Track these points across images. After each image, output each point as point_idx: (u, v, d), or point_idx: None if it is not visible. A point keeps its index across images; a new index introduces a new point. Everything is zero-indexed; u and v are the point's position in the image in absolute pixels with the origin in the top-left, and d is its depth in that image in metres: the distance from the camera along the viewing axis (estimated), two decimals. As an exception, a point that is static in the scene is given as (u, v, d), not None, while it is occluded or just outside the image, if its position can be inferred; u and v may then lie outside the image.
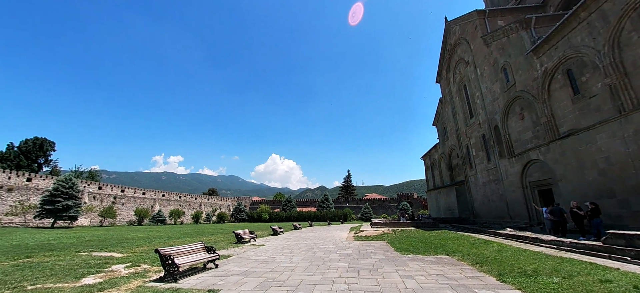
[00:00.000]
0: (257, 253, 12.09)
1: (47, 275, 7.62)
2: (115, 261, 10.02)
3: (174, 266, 7.16)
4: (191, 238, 20.27)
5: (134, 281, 7.05)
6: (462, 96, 27.56)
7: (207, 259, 8.66)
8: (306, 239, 19.13)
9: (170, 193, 67.87)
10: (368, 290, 6.24)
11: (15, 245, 14.95)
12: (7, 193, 38.81)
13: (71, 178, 38.41)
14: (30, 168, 59.73)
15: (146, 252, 12.32)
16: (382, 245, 14.46)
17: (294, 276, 7.66)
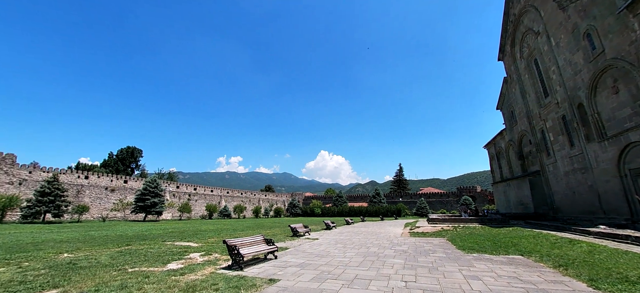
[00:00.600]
0: (312, 247, 12.53)
1: (142, 260, 9.18)
2: (192, 250, 11.52)
3: (240, 256, 7.90)
4: (253, 231, 22.04)
5: (207, 268, 8.01)
6: (533, 73, 23.85)
7: (267, 251, 9.32)
8: (359, 234, 19.07)
9: (233, 191, 74.75)
10: (427, 289, 5.95)
11: (118, 235, 18.35)
12: (111, 193, 47.80)
13: (155, 180, 45.31)
14: (125, 172, 72.41)
15: (216, 243, 13.85)
16: (441, 242, 13.57)
17: (349, 270, 7.73)
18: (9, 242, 13.76)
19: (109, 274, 7.18)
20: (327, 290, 5.87)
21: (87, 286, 6.07)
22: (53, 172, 41.54)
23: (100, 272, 7.42)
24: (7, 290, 5.73)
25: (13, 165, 37.80)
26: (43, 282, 6.36)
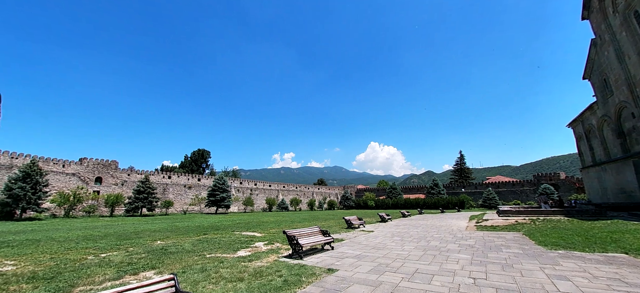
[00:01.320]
0: (367, 239, 12.47)
1: (216, 247, 10.41)
2: (257, 239, 12.59)
3: (299, 246, 8.35)
4: (309, 222, 22.96)
5: (271, 256, 8.68)
6: (634, 28, 19.08)
7: (324, 242, 9.62)
8: (417, 227, 18.22)
9: (288, 185, 78.84)
10: (501, 287, 5.39)
11: (196, 225, 21.11)
12: (188, 190, 55.16)
13: (222, 177, 50.61)
14: (198, 171, 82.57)
15: (277, 233, 14.86)
16: (516, 237, 12.09)
17: (408, 264, 7.48)
18: (118, 231, 17.07)
19: (192, 259, 8.36)
20: (386, 282, 5.80)
21: (176, 268, 7.18)
22: (145, 174, 49.82)
23: (185, 256, 8.69)
24: (120, 269, 7.15)
25: (116, 169, 46.55)
26: (144, 263, 7.75)
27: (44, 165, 37.64)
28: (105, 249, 10.15)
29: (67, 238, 13.17)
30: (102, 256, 8.83)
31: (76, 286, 5.74)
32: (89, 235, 14.48)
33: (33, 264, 7.71)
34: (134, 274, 6.68)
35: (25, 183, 28.58)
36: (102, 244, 11.42)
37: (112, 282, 6.01)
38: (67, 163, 41.17)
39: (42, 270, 7.00)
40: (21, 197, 28.00)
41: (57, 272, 6.83)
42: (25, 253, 9.43)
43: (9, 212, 28.16)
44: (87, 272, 6.83)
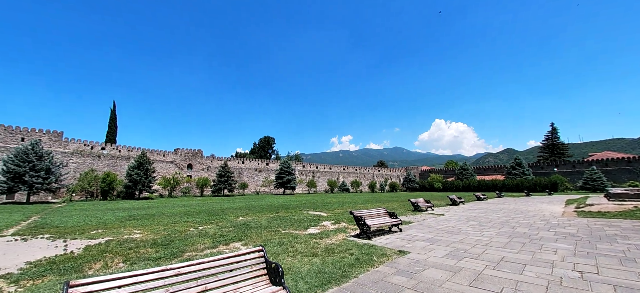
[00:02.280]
0: (438, 223, 11.75)
1: (289, 225, 11.32)
2: (323, 219, 13.20)
3: (366, 226, 8.41)
4: (371, 204, 22.88)
5: (339, 234, 9.00)
6: None
7: (391, 223, 9.45)
8: (497, 211, 16.31)
9: (348, 167, 79.57)
10: (622, 285, 4.44)
11: (269, 205, 23.28)
12: (259, 173, 60.97)
13: (287, 161, 54.21)
14: (265, 156, 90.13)
15: (342, 213, 15.28)
16: (637, 226, 9.72)
17: (491, 251, 6.79)
18: (209, 208, 20.07)
19: (270, 234, 9.29)
20: (467, 269, 5.39)
21: (258, 241, 8.10)
22: (224, 160, 56.89)
23: (263, 231, 9.72)
24: (215, 240, 8.43)
25: (201, 157, 54.32)
26: (232, 236, 8.96)
27: (150, 155, 46.46)
28: (201, 223, 12.12)
29: (173, 214, 16.16)
30: (200, 228, 10.58)
31: (185, 251, 7.03)
32: (187, 211, 17.47)
33: (153, 233, 9.73)
34: (226, 244, 7.80)
35: (139, 171, 35.96)
36: (198, 219, 13.66)
37: (211, 250, 7.16)
38: (166, 153, 49.93)
39: (159, 238, 8.78)
40: (138, 181, 35.42)
41: (170, 239, 8.48)
42: (146, 224, 11.95)
43: (130, 192, 36.03)
44: (191, 241, 8.28)
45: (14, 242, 8.49)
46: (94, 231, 10.20)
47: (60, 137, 39.06)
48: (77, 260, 6.23)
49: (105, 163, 41.20)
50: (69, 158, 37.75)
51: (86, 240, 8.66)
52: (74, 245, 7.97)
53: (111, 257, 6.52)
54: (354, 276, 4.98)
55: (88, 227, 11.07)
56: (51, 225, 11.62)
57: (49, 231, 10.24)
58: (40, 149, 29.02)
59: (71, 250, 7.34)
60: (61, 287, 4.62)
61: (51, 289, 4.57)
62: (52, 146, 36.82)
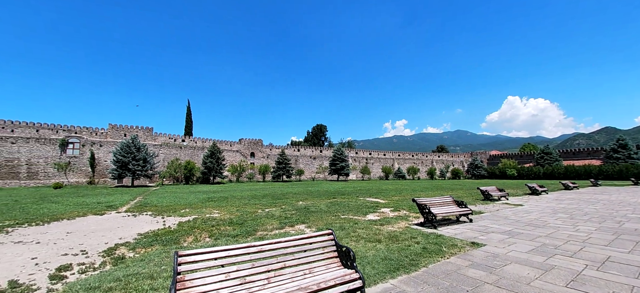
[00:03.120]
0: (516, 214, 10.43)
1: (347, 210, 11.47)
2: (381, 205, 12.99)
3: (431, 214, 7.96)
4: (432, 192, 21.53)
5: (401, 222, 8.74)
6: None
7: (459, 213, 8.75)
8: (593, 203, 13.68)
9: (404, 153, 76.09)
10: None
11: (325, 190, 23.95)
12: (313, 160, 63.02)
13: (340, 148, 54.62)
14: (318, 144, 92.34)
15: (400, 200, 14.79)
16: None
17: (591, 249, 5.74)
18: (271, 193, 21.67)
19: (330, 218, 9.58)
20: (561, 267, 4.68)
21: (320, 224, 8.44)
22: (281, 148, 60.35)
23: (323, 216, 10.06)
24: (281, 221, 9.08)
25: (262, 146, 58.58)
26: (296, 219, 9.52)
27: (220, 145, 52.05)
28: (266, 206, 13.19)
29: (242, 197, 17.94)
30: (266, 210, 11.53)
31: (257, 230, 7.76)
32: (253, 195, 19.19)
33: (228, 213, 10.98)
34: (291, 226, 8.34)
35: (212, 159, 40.76)
36: (263, 202, 14.89)
37: (278, 230, 7.75)
38: (232, 143, 55.28)
39: (234, 218, 9.86)
40: (211, 168, 40.26)
41: (243, 219, 9.46)
42: (222, 205, 13.55)
43: (206, 178, 41.21)
44: (260, 221, 9.10)
45: (128, 217, 10.59)
46: (183, 210, 12.03)
47: (151, 132, 46.64)
48: (174, 234, 7.45)
49: (186, 153, 47.78)
50: (158, 150, 44.92)
51: (178, 217, 10.28)
52: (170, 221, 9.54)
53: (199, 232, 7.61)
54: (423, 265, 4.79)
55: (178, 207, 13.11)
56: (151, 205, 14.13)
57: (150, 209, 12.47)
58: (138, 143, 35.20)
59: (168, 225, 8.81)
60: (167, 254, 5.60)
61: (158, 256, 5.57)
62: (145, 140, 44.28)
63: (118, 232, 7.93)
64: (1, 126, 36.55)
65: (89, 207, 13.29)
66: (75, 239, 7.14)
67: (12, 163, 34.85)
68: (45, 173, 36.42)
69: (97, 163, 39.22)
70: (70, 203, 14.53)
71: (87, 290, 3.94)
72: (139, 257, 5.55)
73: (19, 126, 37.44)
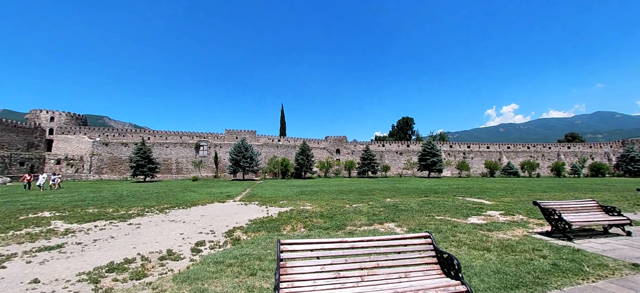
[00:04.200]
0: None
1: (442, 210, 10.34)
2: (487, 207, 11.11)
3: (563, 222, 6.26)
4: (561, 193, 17.00)
5: (516, 229, 7.23)
6: None
7: (609, 222, 6.55)
8: None
9: (515, 145, 63.07)
10: None
11: (414, 188, 22.38)
12: (400, 156, 59.94)
13: (430, 141, 49.96)
14: (405, 138, 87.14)
15: (513, 203, 12.28)
16: None
17: None
18: (358, 188, 21.82)
19: (422, 218, 8.85)
20: None
21: (412, 224, 7.90)
22: (365, 144, 60.11)
23: (415, 215, 9.39)
24: (369, 217, 8.98)
25: (346, 142, 59.80)
26: (384, 216, 9.23)
27: (309, 143, 56.09)
28: (354, 201, 13.35)
29: (330, 192, 18.77)
30: (354, 206, 11.67)
31: (346, 225, 7.93)
32: (341, 190, 19.78)
33: (319, 207, 11.65)
34: (380, 223, 8.14)
35: (303, 156, 44.37)
36: (351, 197, 15.15)
37: (367, 227, 7.69)
38: (319, 141, 58.62)
39: (325, 211, 10.39)
40: (302, 164, 43.89)
41: (333, 213, 9.85)
42: (313, 199, 14.51)
43: (299, 173, 45.17)
44: (349, 216, 9.26)
45: (241, 205, 12.67)
46: (281, 201, 13.53)
47: (255, 134, 54.54)
48: (275, 222, 8.44)
49: (281, 151, 53.68)
50: (261, 149, 52.14)
51: (278, 207, 11.62)
52: (272, 210, 10.88)
53: (295, 222, 8.37)
54: (554, 287, 3.80)
55: (278, 198, 14.83)
56: (257, 196, 16.49)
57: (257, 199, 14.57)
58: (246, 143, 41.77)
59: (271, 214, 10.06)
60: (271, 240, 6.39)
61: (265, 240, 6.40)
62: (251, 141, 52.10)
63: (235, 217, 9.58)
64: (160, 135, 50.22)
65: (215, 196, 16.62)
66: (206, 221, 9.04)
67: (167, 162, 47.31)
68: (187, 169, 47.82)
69: (219, 161, 48.74)
70: (203, 193, 18.54)
71: (215, 263, 4.90)
72: (250, 240, 6.53)
73: (169, 135, 50.58)
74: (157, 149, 46.46)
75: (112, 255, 5.54)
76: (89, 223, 8.58)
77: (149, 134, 51.20)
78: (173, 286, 4.02)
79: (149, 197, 15.72)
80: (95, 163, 43.80)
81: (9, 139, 39.90)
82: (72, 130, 47.28)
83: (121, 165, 45.21)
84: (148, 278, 4.39)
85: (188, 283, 4.09)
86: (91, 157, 43.71)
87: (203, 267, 4.75)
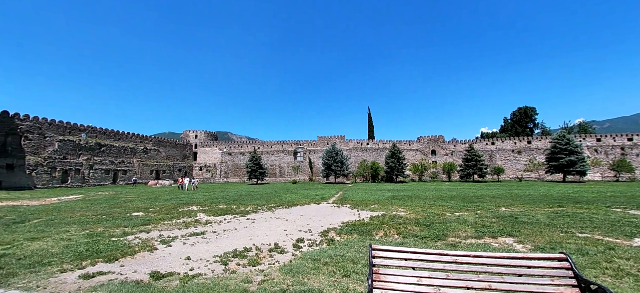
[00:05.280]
0: None
1: (588, 226, 7.82)
2: (673, 226, 7.71)
3: None
4: None
5: None
6: None
7: None
8: None
9: None
10: None
11: (541, 195, 17.86)
12: (518, 155, 49.09)
13: (564, 135, 38.82)
14: (523, 132, 70.79)
15: None
16: None
17: None
18: (460, 194, 19.20)
19: (555, 234, 6.95)
20: None
21: (540, 241, 6.33)
22: (468, 143, 52.35)
23: (543, 230, 7.47)
24: (477, 229, 7.71)
25: (443, 142, 53.67)
26: (498, 228, 7.75)
27: (399, 145, 53.40)
28: (456, 209, 11.81)
29: (426, 197, 17.25)
30: (456, 214, 10.32)
31: (448, 236, 7.09)
32: (439, 196, 17.88)
33: (413, 213, 10.88)
34: (493, 237, 6.89)
35: (393, 159, 42.59)
36: (451, 204, 13.47)
37: (475, 240, 6.64)
38: (411, 142, 54.94)
39: (420, 218, 9.62)
40: (393, 167, 42.11)
41: (430, 221, 9.00)
42: (406, 204, 13.67)
43: (389, 177, 43.60)
44: (450, 226, 8.25)
45: (334, 207, 13.24)
46: (372, 205, 13.38)
47: (343, 139, 56.19)
48: (367, 226, 8.40)
49: (370, 155, 53.23)
50: (350, 153, 53.24)
51: (369, 211, 11.54)
52: (363, 214, 10.90)
53: (388, 228, 8.10)
54: None
55: (369, 202, 14.75)
56: (349, 199, 16.87)
57: (348, 202, 14.92)
58: (336, 148, 43.56)
59: (362, 217, 10.09)
60: (364, 243, 6.41)
61: (357, 243, 6.47)
62: (340, 145, 53.95)
63: (328, 219, 10.11)
64: (267, 145, 58.47)
65: (311, 197, 18.01)
66: (305, 220, 9.89)
67: (272, 167, 54.53)
68: (288, 173, 53.79)
69: (313, 165, 52.68)
70: (301, 194, 20.42)
71: (313, 260, 5.29)
72: (343, 242, 6.74)
73: (273, 144, 58.20)
74: (265, 157, 54.24)
75: (235, 243, 6.81)
76: (221, 216, 10.82)
77: (259, 144, 60.40)
78: (279, 276, 4.59)
79: (260, 197, 18.48)
80: (223, 169, 55.10)
81: (172, 153, 55.03)
82: (208, 144, 60.97)
83: (240, 170, 55.08)
84: (260, 266, 5.17)
85: (291, 275, 4.58)
86: (220, 164, 55.24)
87: (303, 262, 5.22)
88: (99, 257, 5.61)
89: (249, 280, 4.46)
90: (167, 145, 52.30)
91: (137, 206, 13.90)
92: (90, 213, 11.35)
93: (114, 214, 11.14)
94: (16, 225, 8.87)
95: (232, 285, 4.22)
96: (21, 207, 13.82)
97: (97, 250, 6.02)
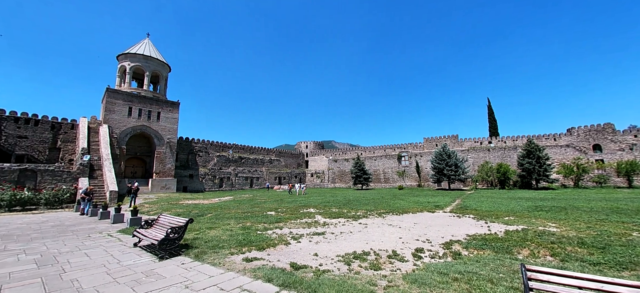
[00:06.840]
0: None
1: None
2: None
3: None
4: None
5: None
6: None
7: None
8: None
9: None
10: None
11: None
12: None
13: None
14: None
15: None
16: None
17: None
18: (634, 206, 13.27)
19: None
20: None
21: None
22: (664, 130, 35.68)
23: None
24: None
25: (614, 132, 38.58)
26: None
27: (538, 141, 42.28)
28: (651, 228, 8.25)
29: (591, 209, 12.85)
30: (653, 236, 7.21)
31: (637, 264, 5.06)
32: (613, 208, 12.97)
33: (574, 230, 8.33)
34: None
35: (530, 159, 33.98)
36: (637, 219, 9.52)
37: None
38: (557, 136, 42.45)
39: (586, 237, 7.26)
40: (531, 170, 33.55)
41: (604, 243, 6.67)
42: (559, 218, 10.61)
43: (526, 182, 34.99)
44: (637, 250, 5.86)
45: (453, 217, 11.82)
46: (506, 217, 11.13)
47: (457, 138, 49.47)
48: (504, 242, 7.05)
49: (495, 155, 44.53)
50: (466, 154, 46.28)
51: (503, 225, 9.65)
52: (495, 227, 9.22)
53: (535, 246, 6.55)
54: None
55: (500, 213, 12.35)
56: (471, 208, 14.67)
57: (471, 212, 12.97)
58: (448, 150, 38.83)
59: (494, 231, 8.55)
60: (502, 262, 5.43)
61: (493, 262, 5.54)
62: (453, 147, 47.74)
63: (448, 229, 9.12)
64: (369, 151, 58.74)
65: (422, 205, 16.76)
66: (420, 229, 9.31)
67: (376, 173, 54.17)
68: (392, 178, 52.11)
69: (421, 170, 48.95)
70: (410, 201, 19.34)
71: (440, 273, 4.91)
72: (474, 257, 5.93)
73: (376, 149, 57.87)
74: (368, 162, 54.57)
75: (353, 246, 7.17)
76: (335, 219, 11.64)
77: (361, 150, 61.50)
78: (404, 284, 4.51)
79: (368, 202, 18.70)
80: (330, 175, 59.13)
81: (290, 162, 63.58)
82: (316, 153, 67.07)
83: (345, 176, 57.59)
84: (382, 271, 5.24)
85: (417, 285, 4.42)
86: (328, 170, 59.54)
87: (428, 273, 4.94)
88: (252, 246, 7.13)
89: (374, 283, 4.60)
90: (285, 156, 60.79)
91: (269, 207, 16.80)
92: (240, 211, 14.57)
93: (255, 212, 13.87)
94: (199, 218, 12.44)
95: (358, 285, 4.47)
96: (200, 204, 19.25)
97: (250, 241, 7.68)
